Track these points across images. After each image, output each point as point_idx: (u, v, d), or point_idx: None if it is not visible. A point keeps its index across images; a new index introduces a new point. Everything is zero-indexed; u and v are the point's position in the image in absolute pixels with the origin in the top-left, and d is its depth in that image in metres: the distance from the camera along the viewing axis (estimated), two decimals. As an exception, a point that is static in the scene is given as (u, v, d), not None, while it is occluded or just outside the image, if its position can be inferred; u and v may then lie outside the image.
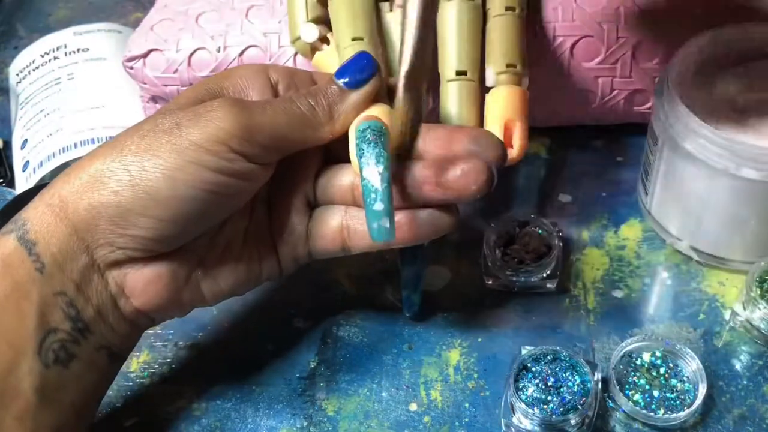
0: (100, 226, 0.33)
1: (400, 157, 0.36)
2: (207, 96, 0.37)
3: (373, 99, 0.37)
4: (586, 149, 0.52)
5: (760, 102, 0.42)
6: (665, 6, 0.47)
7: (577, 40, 0.47)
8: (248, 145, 0.34)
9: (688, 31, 0.44)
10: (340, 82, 0.37)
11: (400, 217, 0.36)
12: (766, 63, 0.44)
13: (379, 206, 0.34)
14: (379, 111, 0.37)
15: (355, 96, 0.37)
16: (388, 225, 0.34)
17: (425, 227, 0.37)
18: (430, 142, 0.37)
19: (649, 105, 0.49)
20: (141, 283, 0.35)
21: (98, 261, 0.34)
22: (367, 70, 0.37)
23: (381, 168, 0.34)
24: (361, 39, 0.40)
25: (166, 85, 0.50)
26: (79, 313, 0.34)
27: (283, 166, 0.37)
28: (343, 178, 0.38)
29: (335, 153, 0.38)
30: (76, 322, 0.34)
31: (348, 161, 0.37)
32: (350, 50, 0.40)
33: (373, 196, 0.34)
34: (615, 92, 0.49)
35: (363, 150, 0.34)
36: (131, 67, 0.50)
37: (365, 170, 0.34)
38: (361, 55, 0.37)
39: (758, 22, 0.45)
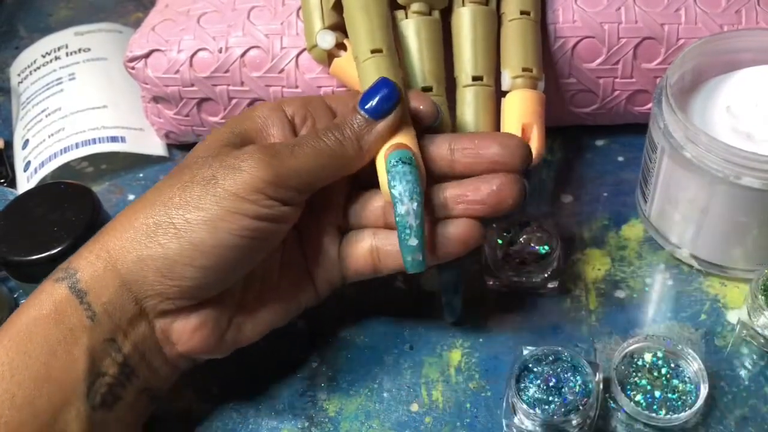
0: (148, 277, 0.34)
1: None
2: (233, 139, 0.37)
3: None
4: (587, 149, 0.52)
5: (757, 108, 0.42)
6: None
7: (579, 41, 0.47)
8: (283, 191, 0.35)
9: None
10: (364, 113, 0.36)
11: (430, 238, 0.37)
12: (762, 69, 0.44)
13: (413, 242, 0.35)
14: (405, 137, 0.37)
15: (382, 126, 0.37)
16: (420, 258, 0.36)
17: (455, 245, 0.37)
18: (457, 152, 0.37)
19: (650, 105, 0.49)
20: (187, 330, 0.36)
21: (147, 311, 0.35)
22: (391, 99, 0.36)
23: (415, 205, 0.35)
24: (381, 51, 0.40)
25: (167, 86, 0.49)
26: (125, 358, 0.35)
27: (313, 194, 0.37)
28: (374, 204, 0.39)
29: (362, 176, 0.38)
30: (123, 367, 0.35)
31: (375, 184, 0.38)
32: (370, 63, 0.39)
33: (407, 231, 0.35)
34: (616, 92, 0.49)
35: (395, 184, 0.35)
36: (133, 68, 0.50)
37: (399, 207, 0.35)
38: (384, 82, 0.37)
39: (753, 29, 0.45)
